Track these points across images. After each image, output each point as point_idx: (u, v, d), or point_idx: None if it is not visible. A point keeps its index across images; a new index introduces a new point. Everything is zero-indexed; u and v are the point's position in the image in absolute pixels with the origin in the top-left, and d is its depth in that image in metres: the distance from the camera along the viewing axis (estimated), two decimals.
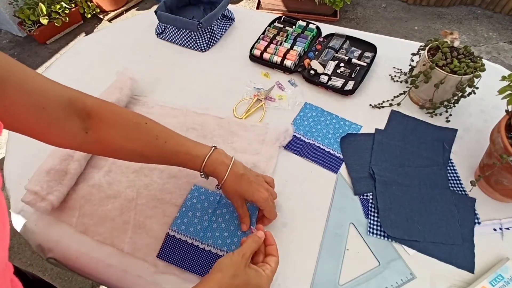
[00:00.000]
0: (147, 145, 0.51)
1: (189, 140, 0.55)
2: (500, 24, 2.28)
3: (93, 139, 0.48)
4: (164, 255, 0.57)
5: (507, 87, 0.56)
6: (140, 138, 0.51)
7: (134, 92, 0.80)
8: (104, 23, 2.46)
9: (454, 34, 0.70)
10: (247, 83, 0.83)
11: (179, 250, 0.57)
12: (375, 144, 0.70)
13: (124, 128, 0.50)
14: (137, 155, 0.52)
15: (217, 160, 0.54)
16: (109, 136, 0.49)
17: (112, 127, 0.49)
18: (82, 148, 0.50)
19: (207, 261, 0.56)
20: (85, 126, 0.47)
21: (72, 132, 0.46)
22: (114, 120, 0.50)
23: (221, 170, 0.53)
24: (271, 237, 0.52)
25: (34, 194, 0.59)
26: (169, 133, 0.54)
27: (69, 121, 0.45)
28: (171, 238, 0.58)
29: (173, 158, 0.53)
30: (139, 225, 0.60)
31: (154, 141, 0.51)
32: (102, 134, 0.48)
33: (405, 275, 0.54)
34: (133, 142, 0.51)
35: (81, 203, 0.63)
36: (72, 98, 0.46)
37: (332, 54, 0.87)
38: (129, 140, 0.50)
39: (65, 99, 0.45)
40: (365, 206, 0.62)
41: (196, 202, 0.62)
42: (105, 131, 0.49)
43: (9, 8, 2.18)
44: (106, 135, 0.49)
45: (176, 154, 0.53)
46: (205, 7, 1.01)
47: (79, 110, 0.46)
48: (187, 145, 0.54)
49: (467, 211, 0.60)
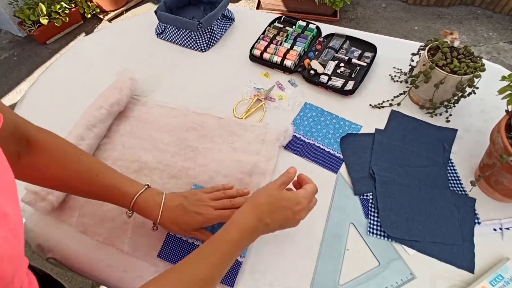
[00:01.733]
0: (78, 176, 0.51)
1: (123, 176, 0.54)
2: (500, 24, 2.28)
3: (24, 165, 0.48)
4: (165, 254, 0.57)
5: (507, 87, 0.56)
6: (72, 168, 0.51)
7: (134, 92, 0.80)
8: (104, 23, 2.46)
9: (454, 34, 0.70)
10: (247, 83, 0.83)
11: (179, 249, 0.57)
12: (375, 144, 0.70)
13: (58, 156, 0.50)
14: (65, 185, 0.52)
15: (148, 198, 0.52)
16: (40, 163, 0.49)
17: (45, 155, 0.49)
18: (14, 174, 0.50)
19: None
20: (19, 151, 0.47)
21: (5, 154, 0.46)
22: (49, 148, 0.50)
23: (153, 208, 0.51)
24: (304, 175, 0.53)
25: (34, 194, 0.59)
26: (104, 167, 0.53)
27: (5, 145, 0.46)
28: (171, 237, 0.58)
29: (103, 192, 0.52)
30: (139, 225, 0.60)
31: (87, 172, 0.51)
32: (34, 160, 0.48)
33: (405, 275, 0.54)
34: (63, 171, 0.50)
35: (81, 203, 0.63)
36: (17, 124, 0.46)
37: (332, 54, 0.87)
38: (59, 168, 0.50)
39: (12, 123, 0.45)
40: (365, 206, 0.62)
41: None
42: (38, 158, 0.48)
43: (9, 8, 2.18)
44: (38, 162, 0.49)
45: (106, 188, 0.51)
46: (205, 7, 1.01)
47: (19, 135, 0.46)
48: (119, 181, 0.53)
49: (467, 211, 0.60)
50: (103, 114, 0.71)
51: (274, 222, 0.47)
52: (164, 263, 0.56)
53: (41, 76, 0.89)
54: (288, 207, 0.47)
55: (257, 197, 0.48)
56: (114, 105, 0.73)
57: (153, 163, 0.69)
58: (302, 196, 0.48)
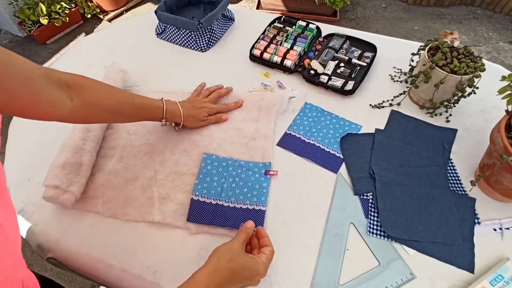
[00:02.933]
0: (122, 102, 0.59)
1: (145, 97, 0.65)
2: (500, 24, 2.28)
3: (79, 105, 0.52)
4: (193, 217, 0.61)
5: (507, 87, 0.56)
6: (115, 97, 0.59)
7: (126, 83, 0.82)
8: (104, 23, 2.46)
9: (454, 34, 0.70)
10: (257, 78, 0.85)
11: (206, 211, 0.62)
12: (375, 144, 0.70)
13: (101, 91, 0.57)
14: (115, 113, 0.60)
15: (170, 106, 0.67)
16: (91, 100, 0.54)
17: (91, 92, 0.55)
18: (72, 116, 0.53)
19: (234, 215, 0.61)
20: (69, 94, 0.51)
21: (60, 101, 0.49)
22: (90, 86, 0.55)
23: (177, 111, 0.68)
24: (263, 230, 0.54)
25: (55, 188, 0.59)
26: (129, 92, 0.63)
27: (55, 92, 0.49)
28: (195, 202, 0.62)
29: (142, 111, 0.63)
30: (163, 197, 0.64)
31: (125, 98, 0.60)
32: (85, 99, 0.53)
33: (405, 275, 0.54)
34: (111, 101, 0.58)
35: (102, 190, 0.64)
36: (48, 73, 0.49)
37: (332, 54, 0.87)
38: (107, 99, 0.57)
39: (44, 73, 0.48)
40: (365, 206, 0.62)
41: (211, 169, 0.67)
42: (87, 96, 0.54)
43: (9, 8, 2.18)
44: (89, 99, 0.54)
45: (143, 106, 0.63)
46: (205, 7, 1.01)
47: (57, 82, 0.50)
48: (147, 99, 0.64)
49: (467, 211, 0.60)
50: None
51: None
52: (195, 225, 0.60)
53: None
54: (248, 276, 0.47)
55: (221, 259, 0.46)
56: None
57: (161, 142, 0.71)
58: (263, 266, 0.48)
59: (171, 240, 0.60)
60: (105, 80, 0.77)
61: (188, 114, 0.69)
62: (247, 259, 0.47)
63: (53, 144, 0.68)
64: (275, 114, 0.75)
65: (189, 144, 0.71)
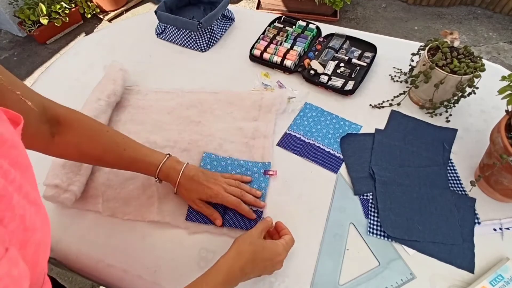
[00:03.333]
0: (107, 151, 0.56)
1: (147, 148, 0.60)
2: (500, 24, 2.28)
3: (58, 143, 0.52)
4: (192, 216, 0.61)
5: (507, 87, 0.56)
6: (101, 144, 0.56)
7: (126, 83, 0.82)
8: (104, 23, 2.46)
9: (454, 34, 0.70)
10: (257, 78, 0.85)
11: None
12: (375, 144, 0.70)
13: (88, 134, 0.55)
14: (98, 161, 0.58)
15: (169, 168, 0.58)
16: (72, 141, 0.53)
17: (77, 133, 0.53)
18: (48, 151, 0.53)
19: (233, 214, 0.60)
20: (52, 131, 0.51)
21: (41, 135, 0.49)
22: (79, 127, 0.54)
23: (173, 175, 0.58)
24: (282, 223, 0.56)
25: (55, 187, 0.60)
26: (129, 141, 0.58)
27: (41, 126, 0.49)
28: None
29: (131, 165, 0.58)
30: (163, 196, 0.63)
31: (114, 147, 0.56)
32: (67, 139, 0.52)
33: (405, 275, 0.54)
34: (94, 147, 0.55)
35: (102, 189, 0.64)
36: (45, 106, 0.50)
37: (332, 54, 0.87)
38: (91, 144, 0.55)
39: (41, 106, 0.49)
40: (365, 206, 0.62)
41: (211, 168, 0.67)
42: (71, 136, 0.53)
43: (9, 8, 2.18)
44: (70, 140, 0.53)
45: (134, 160, 0.57)
46: (205, 7, 1.01)
47: (50, 116, 0.50)
48: (144, 153, 0.58)
49: (467, 211, 0.60)
50: (102, 105, 0.72)
51: (254, 272, 0.49)
52: (194, 224, 0.60)
53: (41, 76, 0.89)
54: (269, 258, 0.49)
55: (242, 244, 0.49)
56: (111, 95, 0.74)
57: (162, 141, 0.71)
58: (283, 248, 0.51)
59: (171, 240, 0.60)
60: (105, 80, 0.77)
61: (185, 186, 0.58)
62: (267, 242, 0.50)
63: None
64: (274, 113, 0.75)
65: (189, 143, 0.71)
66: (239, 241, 0.50)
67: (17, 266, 0.21)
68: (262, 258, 0.49)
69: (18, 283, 0.20)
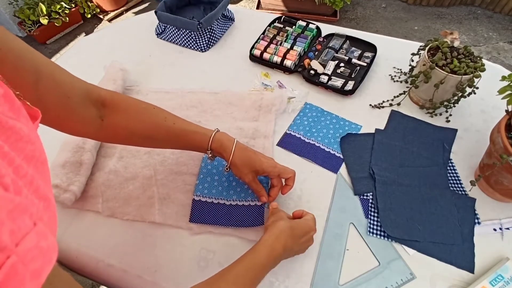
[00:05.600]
0: (157, 127, 0.55)
1: (194, 124, 0.59)
2: (500, 24, 2.28)
3: (108, 126, 0.52)
4: (196, 218, 0.61)
5: (507, 87, 0.56)
6: (150, 121, 0.55)
7: (126, 83, 0.82)
8: (104, 23, 2.46)
9: (454, 34, 0.70)
10: (257, 78, 0.85)
11: (208, 211, 0.61)
12: (375, 144, 0.70)
13: (135, 113, 0.54)
14: (148, 138, 0.56)
15: (222, 138, 0.57)
16: (122, 122, 0.53)
17: (124, 114, 0.53)
18: (98, 135, 0.53)
19: (236, 213, 0.61)
20: (101, 114, 0.51)
21: (90, 120, 0.50)
22: (125, 107, 0.54)
23: (227, 146, 0.56)
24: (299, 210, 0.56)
25: (55, 187, 0.60)
26: (175, 116, 0.58)
27: (88, 110, 0.49)
28: (197, 203, 0.62)
29: (182, 138, 0.56)
30: (164, 197, 0.63)
31: (163, 122, 0.55)
32: (116, 120, 0.52)
33: (405, 275, 0.54)
34: (144, 125, 0.54)
35: (102, 189, 0.64)
36: (88, 90, 0.50)
37: (332, 54, 0.87)
38: (140, 123, 0.54)
39: (83, 90, 0.49)
40: (365, 206, 0.62)
41: (211, 168, 0.67)
42: (119, 118, 0.53)
43: (9, 8, 2.18)
44: (120, 121, 0.53)
45: (185, 133, 0.56)
46: (205, 7, 1.01)
47: (94, 100, 0.50)
48: (194, 126, 0.58)
49: (467, 211, 0.60)
50: None
51: (293, 248, 0.50)
52: (197, 225, 0.60)
53: None
54: (305, 232, 0.51)
55: (276, 222, 0.50)
56: None
57: None
58: (312, 222, 0.54)
59: (171, 240, 0.60)
60: (105, 80, 0.77)
61: (242, 158, 0.56)
62: (296, 220, 0.52)
63: (53, 144, 0.68)
64: (274, 113, 0.75)
65: None
66: (274, 222, 0.50)
67: (46, 239, 0.21)
68: (299, 234, 0.50)
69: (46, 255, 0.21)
